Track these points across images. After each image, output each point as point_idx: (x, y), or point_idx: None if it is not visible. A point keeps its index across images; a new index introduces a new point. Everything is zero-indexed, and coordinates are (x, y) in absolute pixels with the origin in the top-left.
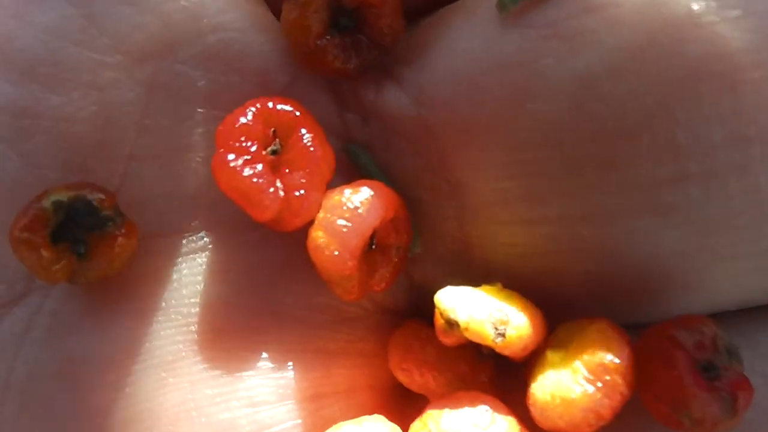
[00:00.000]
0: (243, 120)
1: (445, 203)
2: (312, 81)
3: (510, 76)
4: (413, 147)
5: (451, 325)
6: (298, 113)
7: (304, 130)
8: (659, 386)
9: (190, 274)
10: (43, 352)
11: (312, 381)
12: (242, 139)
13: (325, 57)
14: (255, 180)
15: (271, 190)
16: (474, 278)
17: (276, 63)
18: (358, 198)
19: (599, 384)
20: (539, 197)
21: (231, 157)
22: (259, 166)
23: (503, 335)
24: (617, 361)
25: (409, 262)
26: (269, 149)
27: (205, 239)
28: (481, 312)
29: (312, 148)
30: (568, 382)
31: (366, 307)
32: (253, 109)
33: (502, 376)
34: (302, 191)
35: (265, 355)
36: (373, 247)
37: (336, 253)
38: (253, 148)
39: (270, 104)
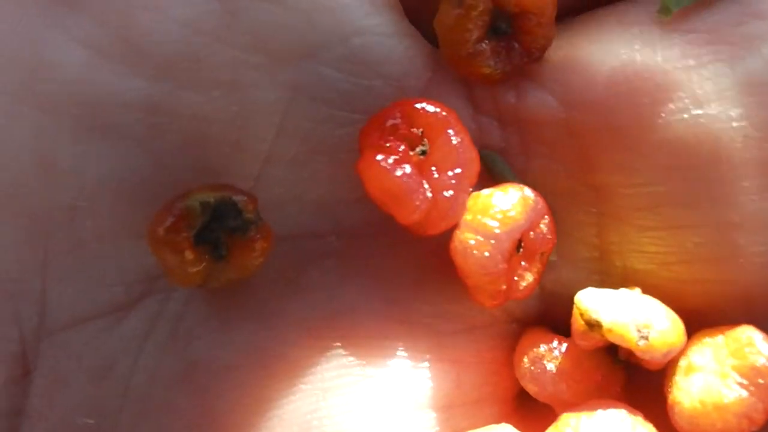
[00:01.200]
0: (391, 121)
1: (584, 209)
2: (447, 85)
3: (671, 80)
4: (555, 151)
5: (592, 326)
6: (445, 114)
7: (451, 131)
8: None
9: (319, 278)
10: (164, 358)
11: (444, 391)
12: (390, 138)
13: (480, 62)
14: (405, 180)
15: (421, 192)
16: (610, 286)
17: (415, 67)
18: (509, 200)
19: (752, 388)
20: (693, 203)
21: (380, 157)
22: (408, 167)
23: (646, 338)
24: None
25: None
26: (418, 150)
27: (334, 244)
28: (625, 314)
29: (461, 149)
30: (719, 387)
31: (496, 315)
32: (400, 109)
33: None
34: (451, 192)
35: (397, 363)
36: (521, 251)
37: (487, 254)
38: (401, 149)
39: (417, 105)
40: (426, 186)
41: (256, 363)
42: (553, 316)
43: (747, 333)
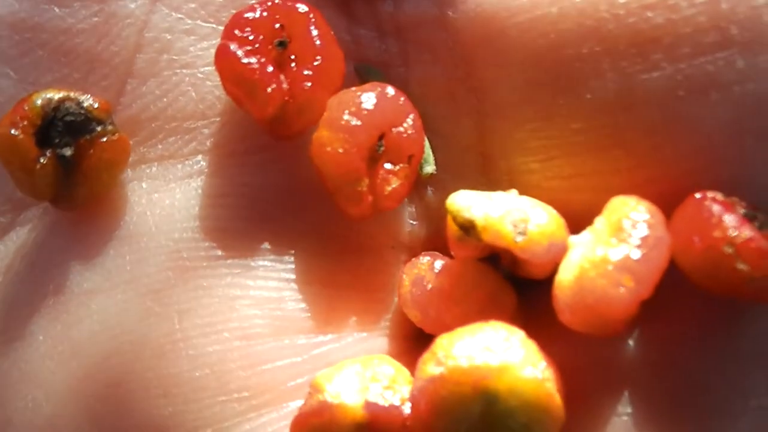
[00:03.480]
0: (251, 14)
1: (464, 113)
2: None
3: None
4: (433, 55)
5: (467, 229)
6: (308, 10)
7: (313, 28)
8: (694, 234)
9: (184, 198)
10: (22, 287)
11: (313, 316)
12: (248, 30)
13: None
14: (256, 68)
15: (274, 81)
16: None
17: None
18: (367, 96)
19: (635, 241)
20: (571, 86)
21: (234, 46)
22: (263, 58)
23: (524, 233)
24: (647, 215)
25: (425, 187)
26: (276, 42)
27: (201, 163)
28: (498, 209)
29: (321, 46)
30: (597, 248)
31: (377, 238)
32: (263, 4)
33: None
34: (309, 84)
35: (262, 284)
36: (382, 149)
37: (341, 150)
38: (259, 39)
39: (278, 1)
40: (283, 78)
41: (114, 286)
42: (445, 241)
43: (620, 198)
